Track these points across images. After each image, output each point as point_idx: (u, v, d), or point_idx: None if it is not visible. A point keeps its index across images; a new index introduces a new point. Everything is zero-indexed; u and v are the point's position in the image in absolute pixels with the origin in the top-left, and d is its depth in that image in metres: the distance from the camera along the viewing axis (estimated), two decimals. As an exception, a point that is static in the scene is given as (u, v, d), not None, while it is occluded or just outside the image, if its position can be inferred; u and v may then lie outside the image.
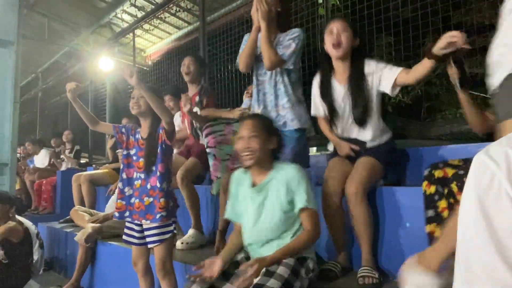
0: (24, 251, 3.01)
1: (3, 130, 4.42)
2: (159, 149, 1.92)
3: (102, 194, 3.86)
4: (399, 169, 2.18)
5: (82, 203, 3.77)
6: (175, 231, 1.95)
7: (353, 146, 1.94)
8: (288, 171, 1.63)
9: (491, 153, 0.66)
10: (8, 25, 4.57)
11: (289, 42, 2.08)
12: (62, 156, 5.33)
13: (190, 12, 5.83)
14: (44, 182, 5.12)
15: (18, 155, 5.88)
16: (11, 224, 2.97)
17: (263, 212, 1.63)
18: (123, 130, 2.02)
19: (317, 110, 2.10)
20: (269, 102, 2.14)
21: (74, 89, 1.96)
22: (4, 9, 4.59)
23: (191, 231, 2.52)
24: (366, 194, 1.78)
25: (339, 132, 2.04)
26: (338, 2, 3.69)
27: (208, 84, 4.10)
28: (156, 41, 6.88)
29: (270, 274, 1.42)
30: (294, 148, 2.06)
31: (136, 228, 1.94)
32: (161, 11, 5.42)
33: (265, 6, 1.99)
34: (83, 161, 6.12)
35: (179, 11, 5.79)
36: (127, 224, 1.97)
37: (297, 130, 2.10)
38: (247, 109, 2.52)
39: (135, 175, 1.94)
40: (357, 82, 1.92)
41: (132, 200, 1.92)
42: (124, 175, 1.97)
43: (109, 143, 4.70)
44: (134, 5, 5.92)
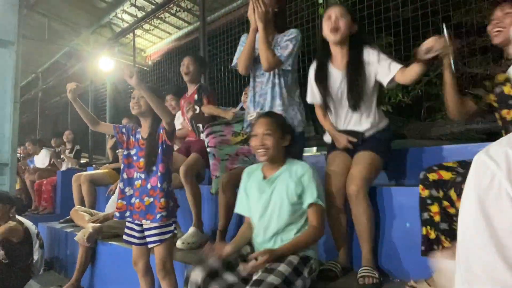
0: (24, 251, 3.01)
1: (3, 130, 4.42)
2: (160, 149, 1.92)
3: (102, 194, 3.86)
4: (399, 169, 2.18)
5: (82, 203, 3.77)
6: (175, 231, 1.96)
7: (351, 138, 1.92)
8: (302, 166, 1.69)
9: (491, 153, 0.66)
10: (8, 25, 4.57)
11: (287, 43, 2.07)
12: (62, 156, 5.33)
13: (190, 12, 5.83)
14: (44, 182, 5.12)
15: (18, 155, 5.88)
16: (12, 224, 2.98)
17: (271, 203, 1.66)
18: (124, 130, 2.03)
19: (313, 97, 2.08)
20: (266, 104, 2.12)
21: (75, 89, 1.96)
22: (4, 9, 4.59)
23: (192, 230, 2.52)
24: (368, 192, 1.78)
25: (336, 120, 2.02)
26: (338, 2, 3.69)
27: (208, 84, 4.10)
28: (156, 41, 6.87)
29: (271, 271, 1.43)
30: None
31: (137, 228, 1.94)
32: (161, 11, 5.41)
33: (262, 7, 1.97)
34: (83, 161, 6.11)
35: (179, 11, 5.78)
36: (128, 224, 1.98)
37: None
38: (240, 110, 2.53)
39: (136, 175, 1.95)
40: (355, 67, 1.91)
41: (133, 200, 1.93)
42: (125, 175, 1.97)
43: (109, 143, 4.71)
44: (134, 5, 5.91)
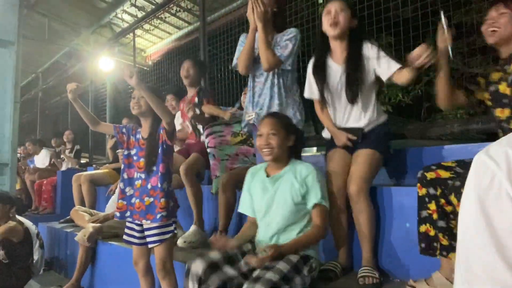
0: (25, 251, 3.01)
1: (4, 130, 4.42)
2: (160, 149, 1.92)
3: (102, 194, 3.86)
4: (399, 169, 2.18)
5: (83, 203, 3.77)
6: (176, 231, 1.96)
7: (350, 136, 1.91)
8: (306, 167, 1.70)
9: (491, 153, 0.66)
10: (8, 25, 4.57)
11: (286, 43, 2.07)
12: (63, 156, 5.33)
13: (190, 12, 5.83)
14: (45, 182, 5.12)
15: (19, 155, 5.88)
16: (12, 224, 2.98)
17: (275, 202, 1.68)
18: (124, 130, 2.03)
19: (311, 92, 2.07)
20: (265, 104, 2.11)
21: (75, 90, 1.96)
22: (4, 9, 4.59)
23: (193, 228, 2.53)
24: (369, 191, 1.78)
25: (335, 115, 2.01)
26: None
27: (208, 85, 4.10)
28: (156, 41, 6.87)
29: (270, 268, 1.44)
30: None
31: (137, 228, 1.94)
32: (161, 11, 5.41)
33: (261, 7, 1.97)
34: (84, 161, 6.11)
35: (179, 11, 5.79)
36: (128, 224, 1.98)
37: None
38: (237, 110, 2.54)
39: (136, 175, 1.95)
40: (354, 61, 1.91)
41: (133, 200, 1.93)
42: (125, 175, 1.97)
43: (110, 143, 4.71)
44: (134, 5, 5.91)
